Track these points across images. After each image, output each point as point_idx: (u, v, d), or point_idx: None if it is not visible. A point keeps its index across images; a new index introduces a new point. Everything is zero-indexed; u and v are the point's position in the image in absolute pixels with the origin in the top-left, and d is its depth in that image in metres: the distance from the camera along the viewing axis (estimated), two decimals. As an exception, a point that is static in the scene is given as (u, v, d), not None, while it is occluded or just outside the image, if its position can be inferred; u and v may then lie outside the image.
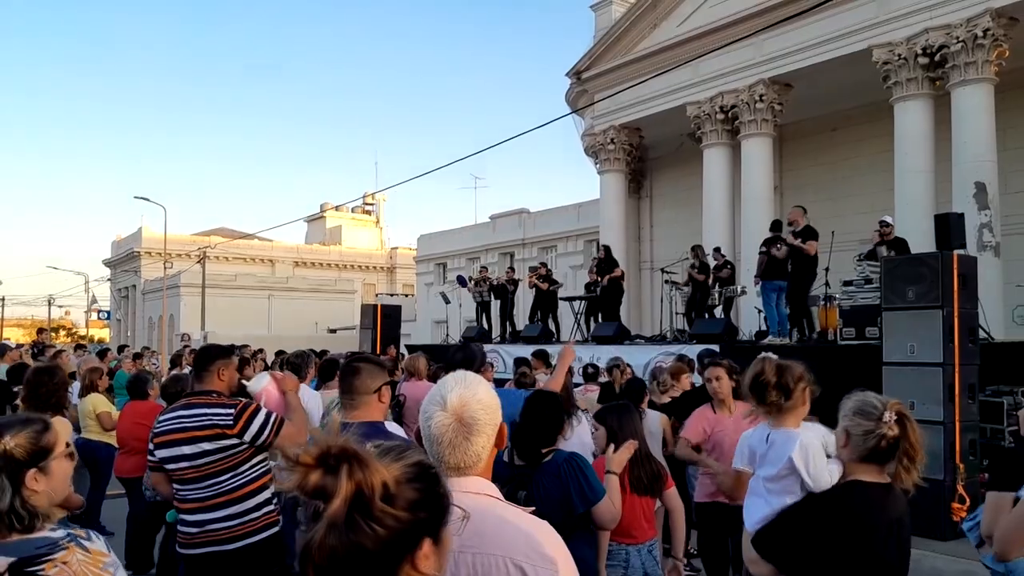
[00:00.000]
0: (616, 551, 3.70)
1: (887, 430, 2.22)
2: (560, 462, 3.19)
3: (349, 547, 1.11)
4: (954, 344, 7.86)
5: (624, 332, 14.50)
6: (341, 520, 1.11)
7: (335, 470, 1.11)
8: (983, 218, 13.42)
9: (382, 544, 1.12)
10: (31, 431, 2.02)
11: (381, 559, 1.13)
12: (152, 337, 43.05)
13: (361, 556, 1.12)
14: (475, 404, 1.81)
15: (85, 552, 1.84)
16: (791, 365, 2.72)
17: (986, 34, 13.37)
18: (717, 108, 17.79)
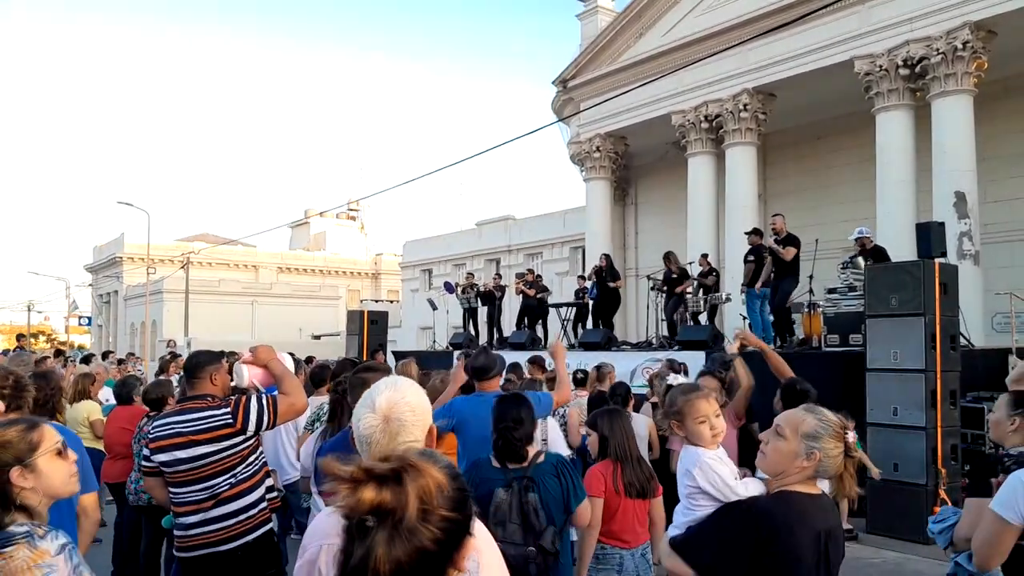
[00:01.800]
0: (610, 554, 3.75)
1: (855, 454, 2.22)
2: (555, 463, 3.27)
3: (413, 554, 1.14)
4: (936, 351, 8.01)
5: (611, 338, 14.60)
6: (402, 524, 1.13)
7: (397, 481, 1.15)
8: (963, 227, 13.63)
9: (439, 546, 1.16)
10: (16, 429, 2.09)
11: (438, 561, 1.17)
12: (134, 343, 42.70)
13: (422, 561, 1.15)
14: (403, 406, 1.89)
15: (31, 550, 1.90)
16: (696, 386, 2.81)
17: (965, 46, 13.61)
18: (702, 117, 17.96)
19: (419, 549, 1.14)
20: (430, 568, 1.16)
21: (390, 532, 1.14)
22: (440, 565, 1.17)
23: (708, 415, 2.75)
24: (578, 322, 16.49)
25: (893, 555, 7.51)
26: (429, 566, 1.16)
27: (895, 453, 8.06)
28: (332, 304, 47.45)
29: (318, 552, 1.85)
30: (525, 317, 16.89)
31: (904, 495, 7.89)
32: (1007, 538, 2.51)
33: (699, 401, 2.79)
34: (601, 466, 3.81)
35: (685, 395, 2.85)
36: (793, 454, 2.22)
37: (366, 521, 1.15)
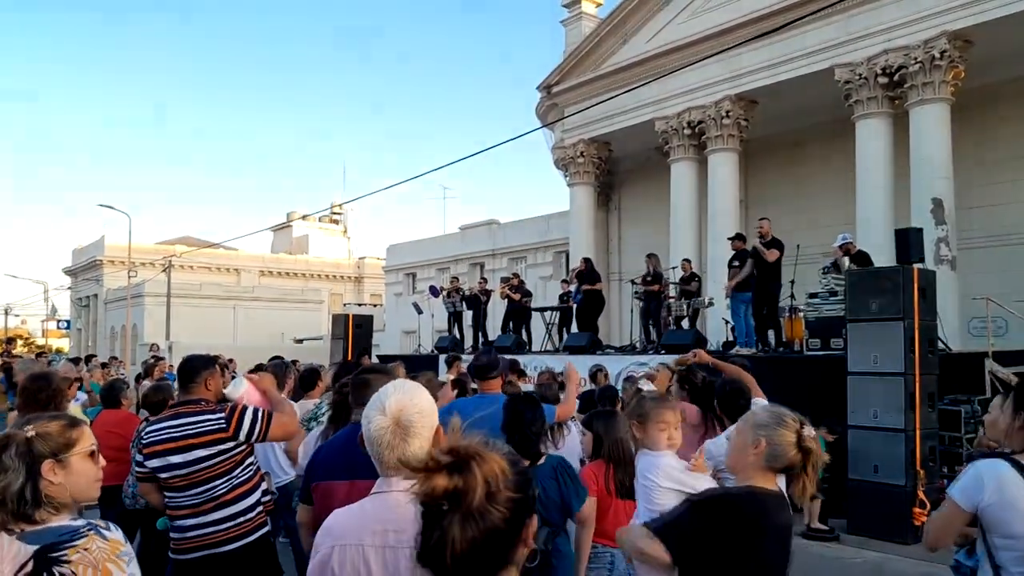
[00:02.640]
0: (602, 554, 3.83)
1: (813, 447, 2.32)
2: (554, 465, 3.35)
3: (485, 532, 1.27)
4: (915, 355, 8.18)
5: (596, 342, 14.71)
6: (467, 510, 1.26)
7: (465, 469, 1.27)
8: (940, 233, 13.88)
9: (507, 524, 1.28)
10: (58, 423, 2.13)
11: (507, 538, 1.29)
12: (114, 347, 42.32)
13: (493, 538, 1.28)
14: (412, 409, 1.95)
15: (104, 540, 1.94)
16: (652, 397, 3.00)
17: (943, 55, 13.87)
18: (684, 123, 18.15)
19: (489, 528, 1.27)
20: (500, 545, 1.29)
21: (463, 514, 1.27)
22: (509, 541, 1.30)
23: (670, 424, 3.03)
24: (562, 326, 16.59)
25: (873, 555, 7.66)
26: (499, 543, 1.29)
27: (875, 455, 8.22)
28: (315, 308, 47.30)
29: (331, 553, 1.89)
30: (510, 321, 16.97)
31: (884, 496, 8.04)
32: (957, 522, 2.66)
33: (666, 410, 3.09)
34: (594, 466, 3.89)
35: (655, 401, 3.15)
36: (744, 444, 2.37)
37: (441, 506, 1.27)
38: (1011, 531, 2.51)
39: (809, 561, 7.53)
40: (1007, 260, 15.57)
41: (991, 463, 2.64)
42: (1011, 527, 2.51)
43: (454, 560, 1.26)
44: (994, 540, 2.57)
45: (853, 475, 8.38)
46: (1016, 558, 2.51)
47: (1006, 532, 2.53)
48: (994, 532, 2.56)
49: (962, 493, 2.62)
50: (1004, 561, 2.54)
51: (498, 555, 1.30)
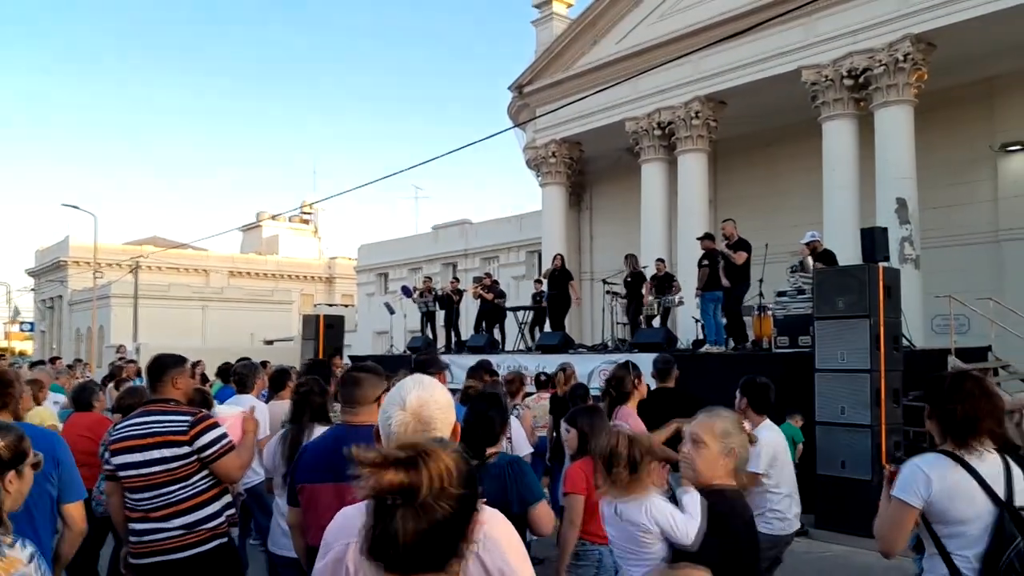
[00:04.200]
0: (589, 551, 3.85)
1: (754, 438, 2.47)
2: (503, 465, 3.32)
3: (431, 525, 1.32)
4: (880, 352, 8.35)
5: (568, 341, 14.78)
6: (415, 504, 1.31)
7: (414, 465, 1.32)
8: (904, 232, 14.14)
9: (453, 518, 1.33)
10: (13, 435, 2.09)
11: (453, 532, 1.35)
12: (80, 349, 41.60)
13: (439, 532, 1.33)
14: (432, 404, 1.97)
15: (2, 559, 1.90)
16: (641, 438, 2.85)
17: (906, 58, 14.14)
18: (654, 124, 18.30)
19: (435, 522, 1.32)
20: (446, 538, 1.34)
21: (412, 509, 1.31)
22: (455, 535, 1.35)
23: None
24: (535, 325, 16.64)
25: (841, 549, 7.80)
26: (445, 536, 1.34)
27: (843, 450, 8.37)
28: (285, 309, 46.90)
29: (345, 550, 1.86)
30: (483, 321, 16.98)
31: (851, 491, 8.19)
32: (910, 521, 2.72)
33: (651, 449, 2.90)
34: (582, 463, 3.89)
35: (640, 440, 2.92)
36: (718, 456, 2.47)
37: (388, 500, 1.32)
38: (957, 517, 2.63)
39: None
40: (968, 259, 15.93)
41: (929, 457, 2.76)
42: (958, 513, 2.63)
43: (402, 552, 1.31)
44: (941, 530, 2.67)
45: (821, 470, 8.53)
46: (966, 543, 2.62)
47: (953, 519, 2.64)
48: (940, 521, 2.67)
49: (908, 491, 2.70)
50: (954, 547, 2.65)
51: (444, 548, 1.35)
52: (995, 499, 2.61)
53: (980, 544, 2.59)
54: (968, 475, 2.64)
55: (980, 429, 2.69)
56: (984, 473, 2.65)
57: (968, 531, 2.62)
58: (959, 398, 2.71)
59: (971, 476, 2.64)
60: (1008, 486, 2.64)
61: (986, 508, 2.61)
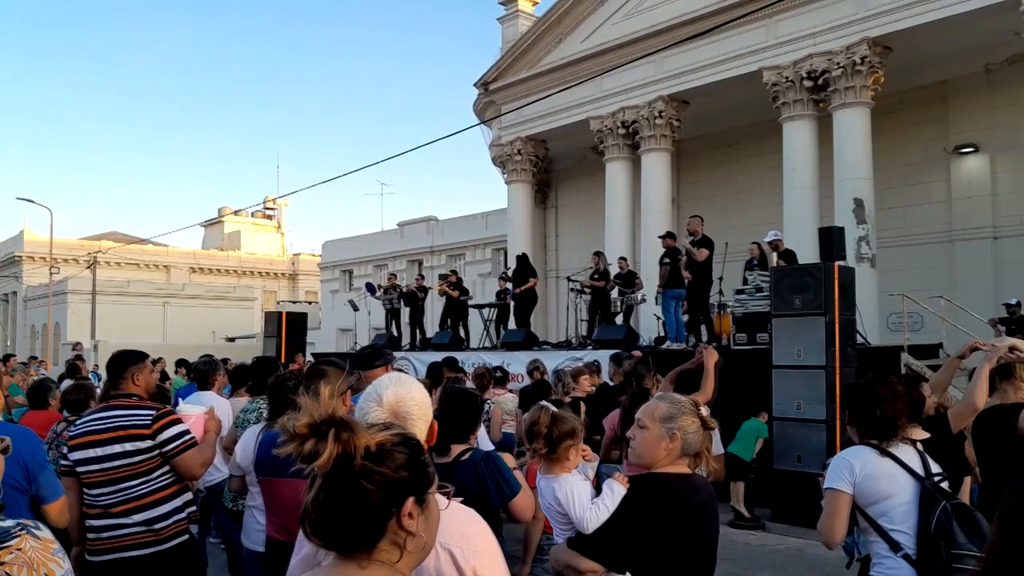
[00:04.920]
0: (553, 544, 3.89)
1: (711, 423, 2.49)
2: (478, 460, 3.36)
3: (339, 501, 1.29)
4: (835, 348, 8.54)
5: (532, 338, 14.86)
6: (327, 476, 1.29)
7: (324, 435, 1.30)
8: (861, 232, 14.45)
9: (367, 498, 1.30)
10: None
11: (366, 512, 1.32)
12: (35, 346, 40.70)
13: (349, 509, 1.30)
14: (409, 401, 1.98)
15: (36, 540, 1.92)
16: (566, 418, 2.87)
17: (863, 61, 14.44)
18: (619, 123, 18.44)
19: (342, 496, 1.29)
20: (360, 517, 1.31)
21: (323, 480, 1.31)
22: (371, 516, 1.32)
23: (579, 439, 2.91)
24: (499, 323, 16.69)
25: (796, 541, 7.98)
26: (358, 515, 1.31)
27: (799, 445, 8.55)
28: (247, 306, 46.30)
29: (318, 548, 1.86)
30: (448, 318, 16.99)
31: (806, 485, 8.34)
32: (844, 508, 2.90)
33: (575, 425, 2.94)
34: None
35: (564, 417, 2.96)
36: (658, 439, 2.47)
37: (314, 471, 1.32)
38: (883, 494, 2.83)
39: (736, 548, 7.81)
40: (924, 258, 16.33)
41: (853, 449, 2.97)
42: (882, 491, 2.84)
43: (313, 523, 1.31)
44: (874, 509, 2.86)
45: (777, 465, 8.71)
46: (898, 516, 2.82)
47: (880, 496, 2.84)
48: (871, 503, 2.86)
49: (837, 480, 2.91)
50: (890, 524, 2.84)
51: (360, 527, 1.32)
52: (915, 476, 2.84)
53: (912, 517, 2.79)
54: (889, 459, 2.87)
55: (897, 426, 2.92)
56: (902, 456, 2.89)
57: (895, 505, 2.82)
58: (874, 401, 2.92)
59: (891, 459, 2.87)
60: (925, 466, 2.89)
61: (908, 484, 2.83)
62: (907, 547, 2.79)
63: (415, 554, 1.41)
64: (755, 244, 12.01)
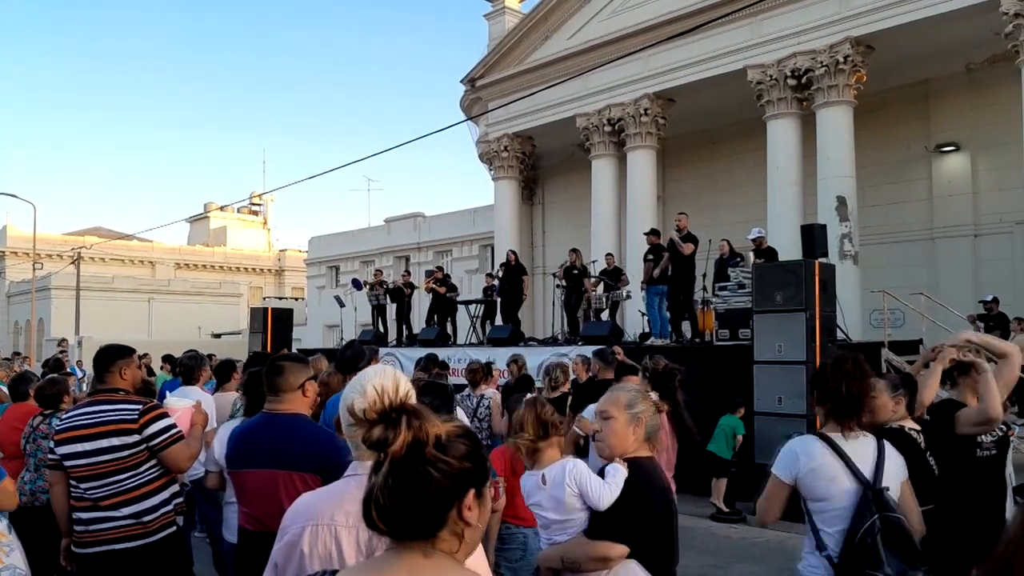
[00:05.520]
0: (514, 534, 3.96)
1: (662, 407, 2.63)
2: None
3: (408, 487, 1.30)
4: (816, 344, 8.65)
5: (519, 334, 14.92)
6: (398, 462, 1.31)
7: (396, 422, 1.32)
8: (844, 229, 14.60)
9: (435, 486, 1.31)
10: None
11: (433, 500, 1.32)
12: (18, 342, 40.38)
13: (417, 495, 1.31)
14: (392, 392, 2.01)
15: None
16: (544, 403, 3.03)
17: (846, 60, 14.58)
18: (605, 120, 18.52)
19: (413, 483, 1.30)
20: (426, 505, 1.32)
21: (390, 467, 1.31)
22: (434, 504, 1.32)
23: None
24: (486, 319, 16.73)
25: (776, 535, 8.06)
26: (424, 502, 1.31)
27: (780, 440, 8.61)
28: (233, 302, 46.12)
29: (301, 533, 1.88)
30: (435, 314, 17.02)
31: (787, 478, 8.47)
32: (782, 495, 2.96)
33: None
34: (502, 448, 4.03)
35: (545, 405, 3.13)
36: (626, 426, 2.61)
37: (380, 457, 1.33)
38: (821, 494, 2.85)
39: (717, 542, 7.92)
40: (905, 255, 16.52)
41: (802, 439, 2.99)
42: (820, 491, 2.85)
43: (378, 510, 1.31)
44: (810, 505, 2.90)
45: (759, 459, 8.78)
46: (830, 518, 2.83)
47: (819, 496, 2.86)
48: (810, 497, 2.89)
49: (781, 468, 2.95)
50: (821, 524, 2.86)
51: (423, 514, 1.32)
52: (860, 480, 2.81)
53: (843, 523, 2.78)
54: (835, 457, 2.84)
55: (863, 405, 2.91)
56: (854, 455, 2.86)
57: (831, 508, 2.82)
58: (840, 377, 2.90)
59: (838, 457, 2.84)
60: (877, 468, 2.85)
61: (849, 488, 2.80)
62: (831, 550, 2.80)
63: (471, 545, 1.41)
64: (724, 241, 12.15)
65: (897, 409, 3.54)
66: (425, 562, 1.34)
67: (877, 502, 2.76)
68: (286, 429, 2.94)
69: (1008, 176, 15.06)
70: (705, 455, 8.81)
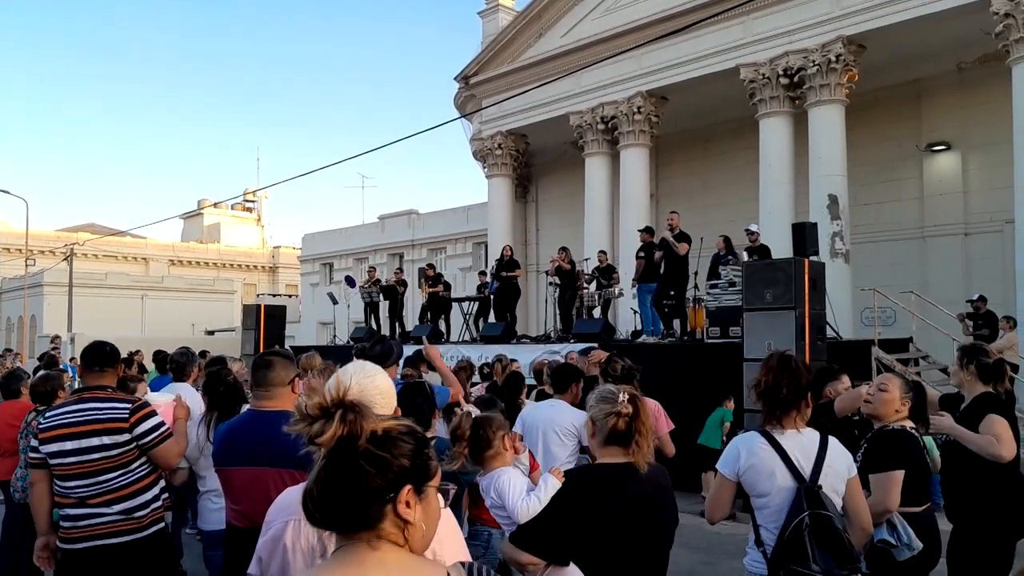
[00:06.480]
0: (479, 530, 4.00)
1: (621, 409, 2.57)
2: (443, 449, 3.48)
3: (339, 481, 1.32)
4: (805, 342, 8.70)
5: (511, 332, 14.95)
6: (330, 455, 1.32)
7: (329, 416, 1.34)
8: (835, 227, 14.66)
9: (365, 480, 1.32)
10: None
11: (364, 494, 1.33)
12: (11, 339, 40.26)
13: (347, 489, 1.32)
14: (372, 390, 2.01)
15: None
16: (490, 418, 3.08)
17: (838, 59, 14.64)
18: (598, 118, 18.54)
19: (344, 477, 1.31)
20: (358, 499, 1.32)
21: (326, 459, 1.33)
22: (370, 500, 1.33)
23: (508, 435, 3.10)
24: (479, 316, 16.77)
25: (765, 531, 8.13)
26: (356, 496, 1.32)
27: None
28: (227, 298, 46.02)
29: (284, 528, 1.90)
30: (428, 311, 17.05)
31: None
32: (726, 492, 3.00)
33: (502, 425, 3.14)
34: None
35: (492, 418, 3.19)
36: (592, 432, 2.67)
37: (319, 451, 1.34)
38: (761, 490, 2.89)
39: (707, 538, 7.96)
40: (897, 254, 16.59)
41: (745, 436, 3.03)
42: (760, 487, 2.89)
43: (313, 502, 1.32)
44: (753, 501, 2.94)
45: (749, 456, 8.87)
46: (769, 514, 2.87)
47: (759, 492, 2.90)
48: (751, 494, 2.94)
49: (725, 465, 2.99)
50: (762, 520, 2.91)
51: (355, 509, 1.32)
52: (797, 477, 2.84)
53: (780, 519, 2.83)
54: (774, 453, 2.88)
55: (802, 402, 2.94)
56: (793, 451, 2.88)
57: (770, 504, 2.86)
58: (779, 374, 2.94)
59: (777, 454, 2.87)
60: (817, 464, 2.88)
61: (786, 484, 2.84)
62: (768, 545, 2.84)
63: (421, 541, 1.40)
64: (722, 237, 12.19)
65: (901, 409, 3.59)
66: (372, 553, 1.34)
67: (810, 499, 2.78)
68: (273, 426, 2.96)
69: (998, 175, 15.14)
70: (695, 450, 8.88)
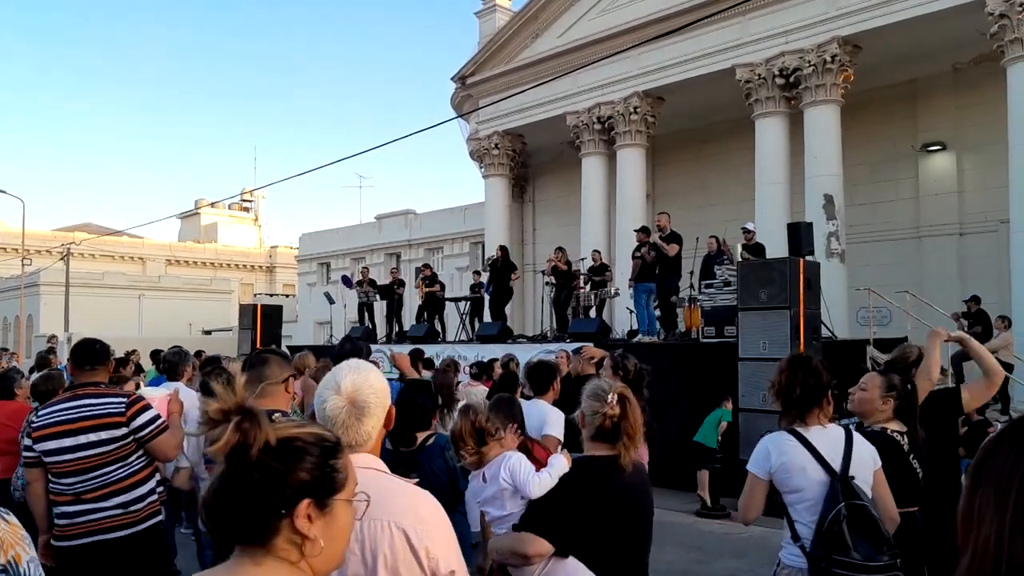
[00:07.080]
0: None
1: (609, 410, 2.61)
2: (443, 444, 3.50)
3: (229, 490, 1.25)
4: (800, 341, 8.71)
5: (507, 331, 14.96)
6: (223, 462, 1.26)
7: (225, 423, 1.27)
8: (831, 227, 14.69)
9: (258, 492, 1.25)
10: None
11: (257, 506, 1.25)
12: (7, 338, 40.20)
13: (238, 500, 1.25)
14: (367, 389, 2.00)
15: (6, 523, 1.94)
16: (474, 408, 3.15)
17: (834, 59, 14.67)
18: (595, 118, 18.55)
19: (235, 487, 1.25)
20: (251, 510, 1.25)
21: (223, 468, 1.28)
22: (264, 512, 1.26)
23: None
24: (475, 316, 16.78)
25: (759, 530, 8.09)
26: (248, 507, 1.25)
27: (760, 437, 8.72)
28: (224, 298, 45.94)
29: None
30: (424, 311, 17.07)
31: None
32: (759, 492, 3.08)
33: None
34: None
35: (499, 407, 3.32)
36: (585, 426, 2.73)
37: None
38: (794, 486, 2.98)
39: (701, 537, 8.00)
40: (891, 254, 16.63)
41: (773, 435, 3.10)
42: (793, 483, 2.98)
43: (206, 510, 1.27)
44: (786, 498, 3.02)
45: (744, 455, 8.86)
46: (804, 509, 2.96)
47: (792, 488, 2.99)
48: (784, 491, 3.02)
49: (756, 465, 3.07)
50: (796, 515, 2.99)
51: (243, 520, 1.26)
52: (828, 470, 2.93)
53: (815, 513, 2.91)
54: (804, 449, 2.96)
55: (823, 399, 3.04)
56: (822, 446, 2.97)
57: (804, 499, 2.95)
58: (793, 374, 3.04)
59: (807, 450, 2.96)
60: (846, 457, 2.96)
61: (819, 479, 2.93)
62: (805, 539, 2.91)
63: (324, 560, 1.31)
64: (713, 238, 12.22)
65: (884, 409, 3.59)
66: (255, 569, 1.27)
67: (845, 490, 2.87)
68: None
69: (993, 175, 15.17)
70: (691, 448, 8.91)
